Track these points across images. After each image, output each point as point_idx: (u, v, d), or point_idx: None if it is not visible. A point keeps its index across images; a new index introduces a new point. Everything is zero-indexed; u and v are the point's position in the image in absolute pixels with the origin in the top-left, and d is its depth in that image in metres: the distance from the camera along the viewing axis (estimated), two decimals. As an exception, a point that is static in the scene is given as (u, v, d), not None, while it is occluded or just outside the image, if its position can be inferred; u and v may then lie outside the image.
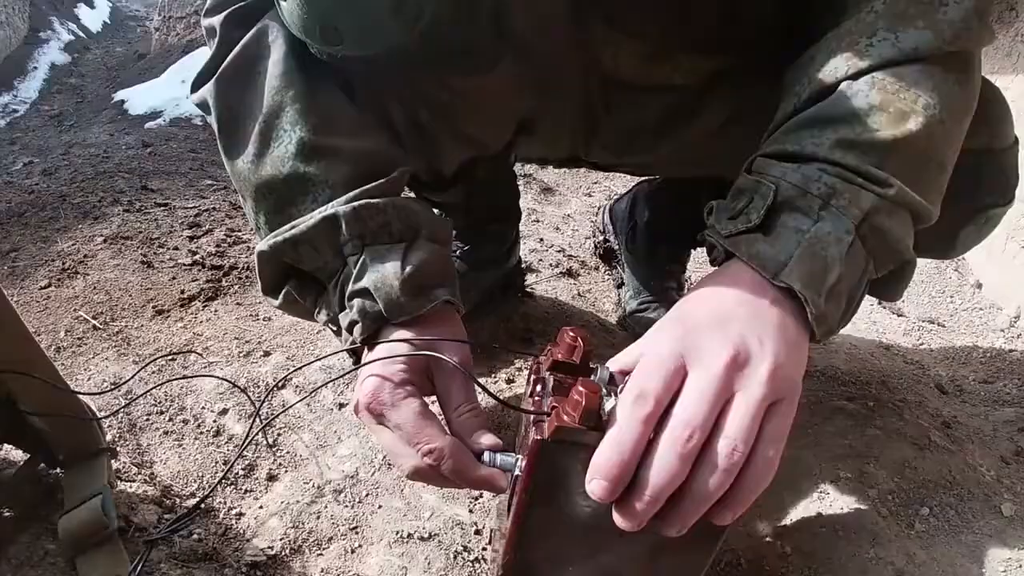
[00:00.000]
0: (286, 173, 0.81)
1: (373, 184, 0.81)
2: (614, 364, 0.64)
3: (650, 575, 0.69)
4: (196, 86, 0.88)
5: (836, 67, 0.68)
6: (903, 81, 0.66)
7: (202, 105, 0.88)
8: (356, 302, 0.77)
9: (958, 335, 1.67)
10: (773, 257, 0.63)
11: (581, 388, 0.55)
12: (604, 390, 0.58)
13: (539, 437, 0.57)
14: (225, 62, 0.84)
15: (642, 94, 0.97)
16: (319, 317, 0.84)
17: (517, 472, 0.63)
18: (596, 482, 0.55)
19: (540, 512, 0.62)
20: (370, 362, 0.74)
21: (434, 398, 0.75)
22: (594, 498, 0.55)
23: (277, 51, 0.83)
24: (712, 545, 0.66)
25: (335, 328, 0.82)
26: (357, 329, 0.77)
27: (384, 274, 0.76)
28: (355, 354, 0.83)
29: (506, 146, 1.12)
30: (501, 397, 0.71)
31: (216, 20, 0.84)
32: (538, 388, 0.64)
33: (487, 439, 0.69)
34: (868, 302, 1.79)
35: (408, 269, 0.77)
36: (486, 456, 0.67)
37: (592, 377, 0.62)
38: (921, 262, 1.94)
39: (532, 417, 0.60)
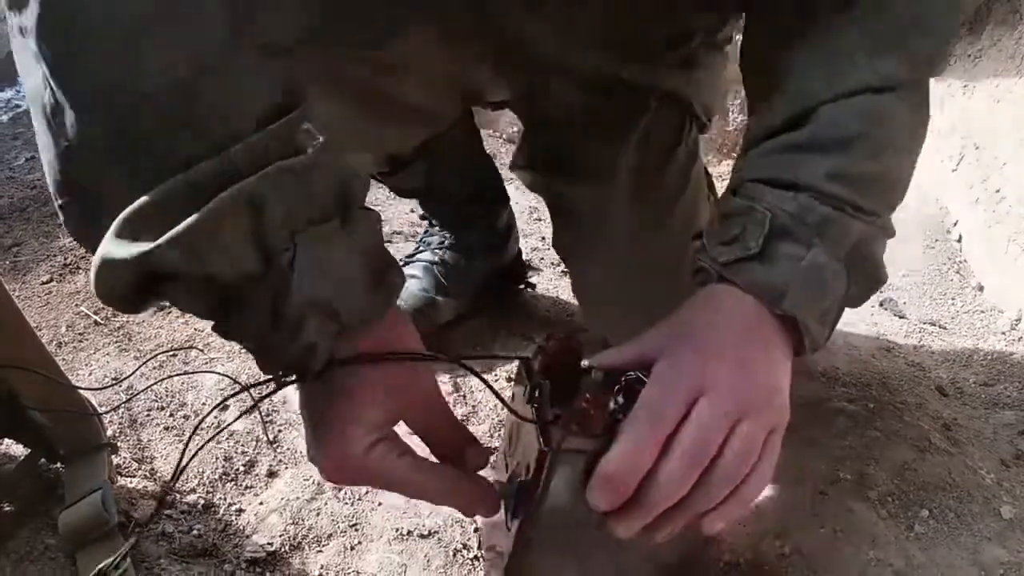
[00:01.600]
0: (166, 93, 0.48)
1: (284, 121, 0.52)
2: (602, 362, 0.63)
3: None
4: None
5: (817, 89, 0.69)
6: (881, 110, 0.68)
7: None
8: (311, 319, 0.52)
9: (959, 337, 1.67)
10: (771, 285, 0.63)
11: (588, 395, 0.57)
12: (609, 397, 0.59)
13: (545, 448, 0.57)
14: None
15: None
16: (228, 337, 0.57)
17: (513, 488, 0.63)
18: (598, 493, 0.55)
19: (545, 520, 0.63)
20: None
21: None
22: (593, 507, 0.56)
23: None
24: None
25: (253, 347, 0.56)
26: (318, 353, 0.54)
27: (338, 272, 0.55)
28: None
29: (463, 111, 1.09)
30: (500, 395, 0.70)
31: None
32: (536, 394, 0.62)
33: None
34: (869, 304, 1.80)
35: (362, 256, 0.57)
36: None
37: (593, 372, 0.62)
38: (923, 265, 1.93)
39: (534, 427, 0.59)
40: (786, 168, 0.68)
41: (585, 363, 0.64)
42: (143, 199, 0.48)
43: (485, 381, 0.61)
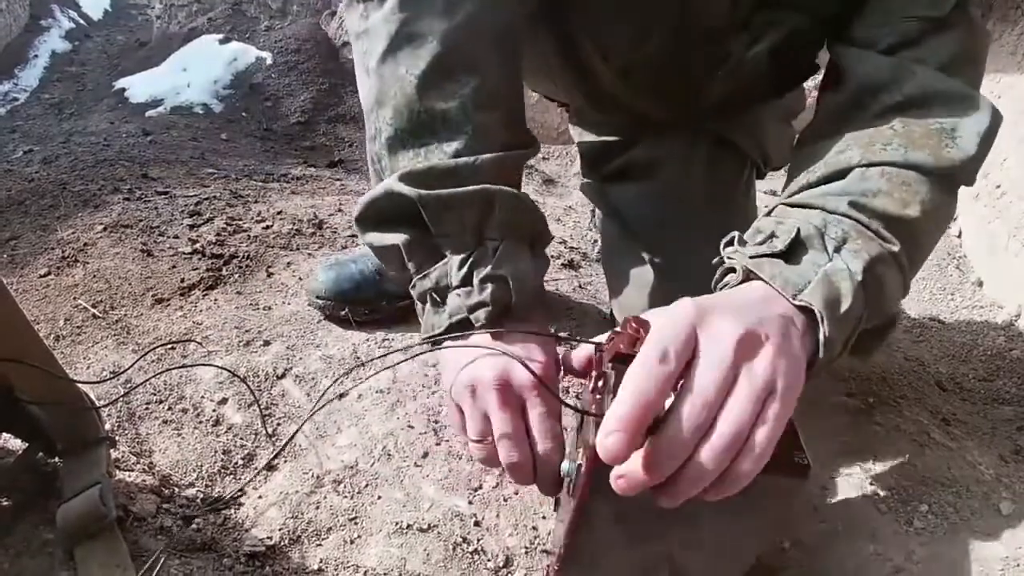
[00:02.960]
0: (454, 109, 0.83)
1: (517, 152, 0.87)
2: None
3: (700, 561, 0.72)
4: None
5: (851, 156, 0.80)
6: (906, 179, 0.78)
7: None
8: (490, 287, 0.79)
9: (958, 333, 1.67)
10: (793, 279, 0.68)
11: None
12: None
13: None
14: None
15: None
16: (420, 282, 0.84)
17: (575, 468, 0.66)
18: (614, 436, 0.53)
19: (599, 504, 0.64)
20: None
21: None
22: (604, 454, 0.54)
23: None
24: (759, 538, 0.70)
25: (436, 298, 0.84)
26: (483, 312, 0.79)
27: (521, 269, 0.81)
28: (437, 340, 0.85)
29: None
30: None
31: None
32: (599, 384, 0.65)
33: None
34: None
35: (538, 272, 0.83)
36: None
37: None
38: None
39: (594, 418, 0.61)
40: (816, 199, 0.78)
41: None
42: (423, 164, 0.82)
43: (545, 384, 0.74)
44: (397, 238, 0.84)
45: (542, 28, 1.07)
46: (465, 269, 0.81)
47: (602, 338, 0.69)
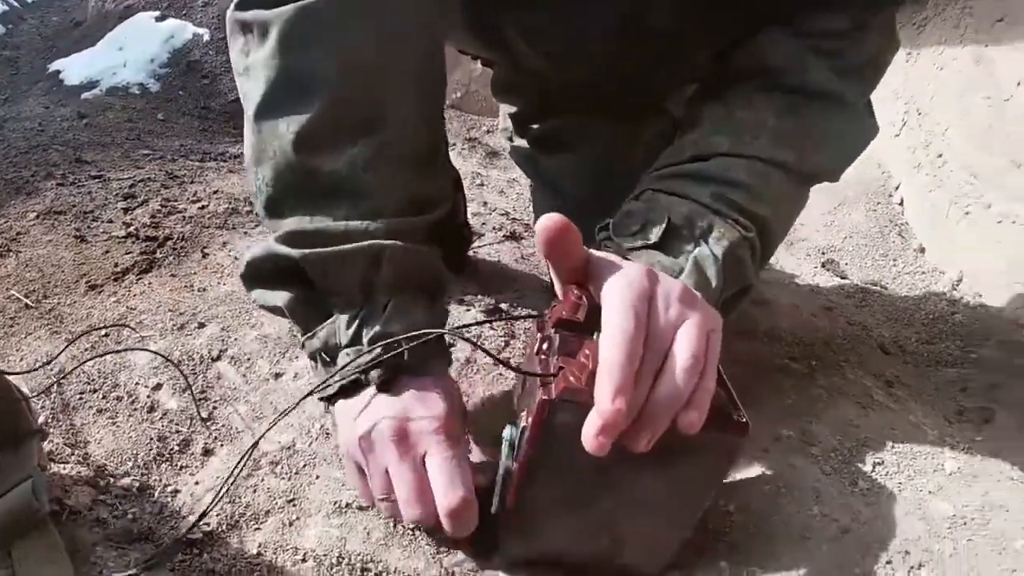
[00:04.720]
0: (343, 170, 0.77)
1: (419, 218, 0.82)
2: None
3: (643, 523, 0.74)
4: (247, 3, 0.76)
5: (720, 142, 0.89)
6: (765, 175, 0.88)
7: (245, 26, 0.77)
8: (379, 346, 0.76)
9: (900, 298, 1.69)
10: (670, 267, 0.79)
11: (587, 351, 0.63)
12: None
13: (546, 397, 0.62)
14: None
15: None
16: (309, 342, 0.81)
17: (518, 432, 0.70)
18: (619, 400, 0.56)
19: (544, 464, 0.67)
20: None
21: None
22: (615, 418, 0.56)
23: (386, 8, 0.76)
24: (702, 497, 0.72)
25: (326, 358, 0.81)
26: (374, 374, 0.77)
27: (414, 325, 0.77)
28: (327, 398, 0.84)
29: None
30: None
31: None
32: (544, 346, 0.70)
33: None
34: (812, 264, 1.81)
35: (435, 326, 0.79)
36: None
37: (595, 334, 0.65)
38: (865, 228, 1.96)
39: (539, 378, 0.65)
40: (680, 187, 0.87)
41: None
42: (309, 226, 0.77)
43: (485, 350, 0.76)
44: (281, 297, 0.80)
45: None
46: (354, 328, 0.78)
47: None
